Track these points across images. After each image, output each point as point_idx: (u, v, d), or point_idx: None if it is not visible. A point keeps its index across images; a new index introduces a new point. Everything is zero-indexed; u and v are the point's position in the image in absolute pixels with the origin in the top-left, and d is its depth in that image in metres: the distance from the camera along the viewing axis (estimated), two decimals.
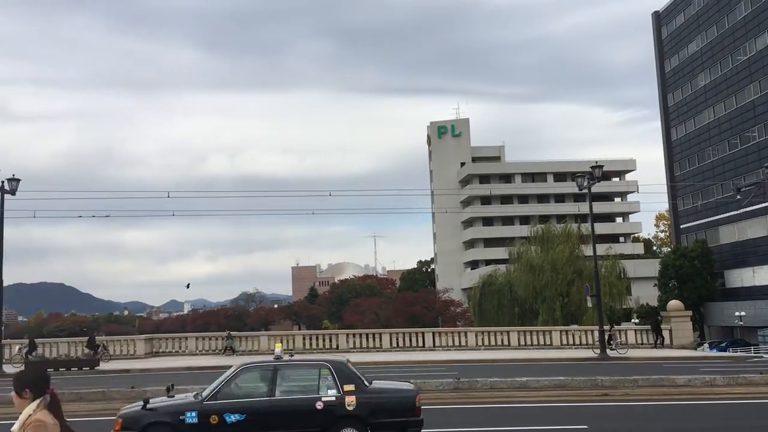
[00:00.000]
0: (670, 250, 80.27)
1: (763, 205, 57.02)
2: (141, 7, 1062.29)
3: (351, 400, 11.38)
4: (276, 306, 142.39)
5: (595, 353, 34.56)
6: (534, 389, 20.15)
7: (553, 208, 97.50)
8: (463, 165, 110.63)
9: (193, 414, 11.38)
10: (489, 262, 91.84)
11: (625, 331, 41.47)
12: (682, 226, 78.24)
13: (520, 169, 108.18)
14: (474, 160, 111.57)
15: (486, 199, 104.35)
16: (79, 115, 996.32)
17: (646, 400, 18.16)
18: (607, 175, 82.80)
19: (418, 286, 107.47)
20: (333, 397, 11.42)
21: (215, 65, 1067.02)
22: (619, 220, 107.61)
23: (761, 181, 43.19)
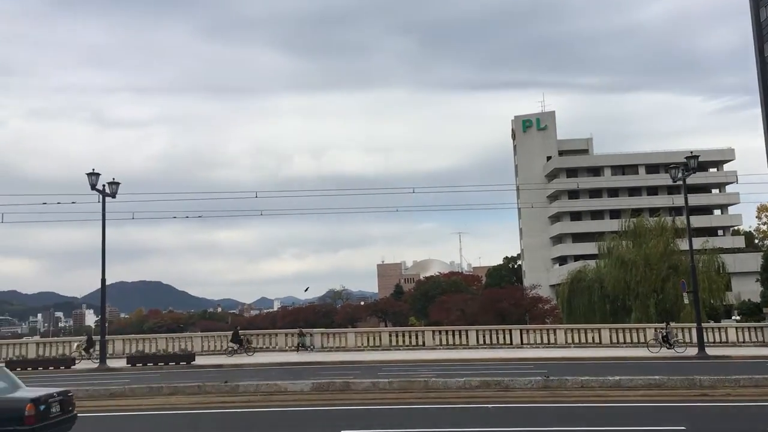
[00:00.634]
0: None
1: None
2: (229, 14, 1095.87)
3: None
4: (362, 303, 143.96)
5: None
6: (627, 388, 19.45)
7: (645, 201, 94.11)
8: (549, 159, 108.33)
9: None
10: (578, 258, 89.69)
11: (725, 329, 39.45)
12: None
13: (609, 161, 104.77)
14: (561, 153, 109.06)
15: (574, 193, 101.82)
16: (171, 120, 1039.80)
17: (750, 400, 17.18)
18: (704, 166, 79.06)
19: (505, 282, 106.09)
20: None
21: (300, 67, 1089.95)
22: (717, 212, 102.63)
23: None
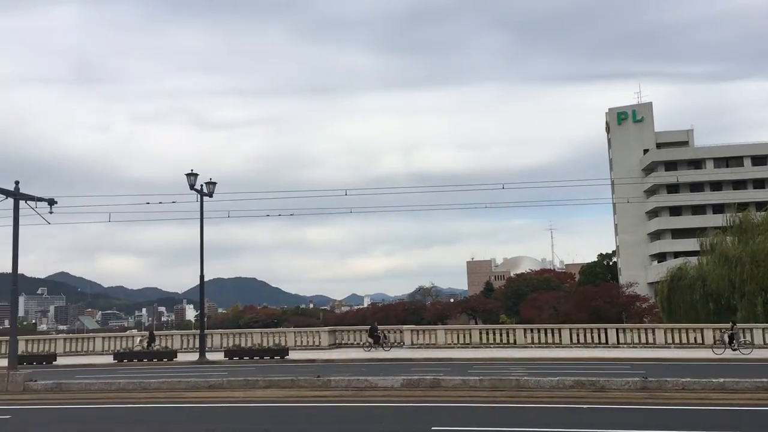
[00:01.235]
0: None
1: None
2: (320, 16, 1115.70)
3: None
4: (452, 300, 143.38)
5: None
6: (732, 391, 18.43)
7: (751, 194, 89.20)
8: (646, 152, 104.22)
9: None
10: (677, 255, 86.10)
11: None
12: None
13: (712, 153, 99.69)
14: (658, 146, 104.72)
15: (673, 187, 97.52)
16: (266, 121, 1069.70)
17: None
18: None
19: (599, 280, 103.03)
20: None
21: (391, 65, 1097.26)
22: None
23: None
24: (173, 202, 35.87)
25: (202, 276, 36.59)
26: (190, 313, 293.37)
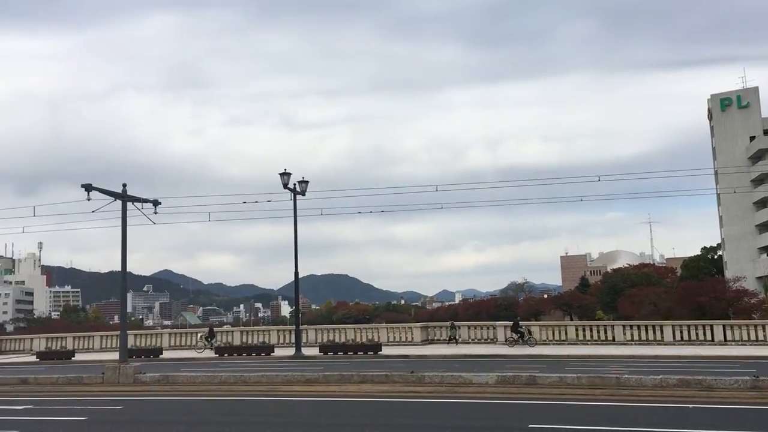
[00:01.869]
0: None
1: None
2: (402, 13, 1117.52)
3: None
4: (545, 296, 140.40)
5: None
6: None
7: None
8: (752, 139, 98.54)
9: None
10: None
11: None
12: None
13: None
14: (766, 132, 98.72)
15: None
16: (353, 119, 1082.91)
17: None
18: None
19: (703, 274, 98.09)
20: None
21: (476, 59, 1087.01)
22: None
23: None
24: (268, 201, 36.90)
25: (296, 273, 37.45)
26: (285, 309, 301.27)
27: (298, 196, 36.74)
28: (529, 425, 13.46)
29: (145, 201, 28.98)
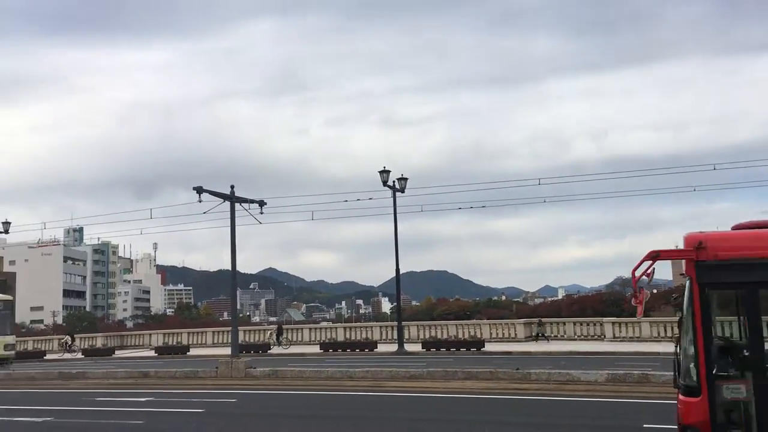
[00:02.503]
0: None
1: None
2: (504, 5, 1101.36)
3: None
4: (655, 291, 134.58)
5: None
6: None
7: None
8: None
9: None
10: None
11: None
12: None
13: None
14: None
15: None
16: (451, 115, 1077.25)
17: None
18: None
19: None
20: None
21: (578, 49, 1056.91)
22: None
23: None
24: (370, 199, 37.37)
25: (397, 269, 37.71)
26: (386, 305, 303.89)
27: (398, 193, 36.99)
28: (644, 425, 12.99)
29: (252, 202, 30.03)
